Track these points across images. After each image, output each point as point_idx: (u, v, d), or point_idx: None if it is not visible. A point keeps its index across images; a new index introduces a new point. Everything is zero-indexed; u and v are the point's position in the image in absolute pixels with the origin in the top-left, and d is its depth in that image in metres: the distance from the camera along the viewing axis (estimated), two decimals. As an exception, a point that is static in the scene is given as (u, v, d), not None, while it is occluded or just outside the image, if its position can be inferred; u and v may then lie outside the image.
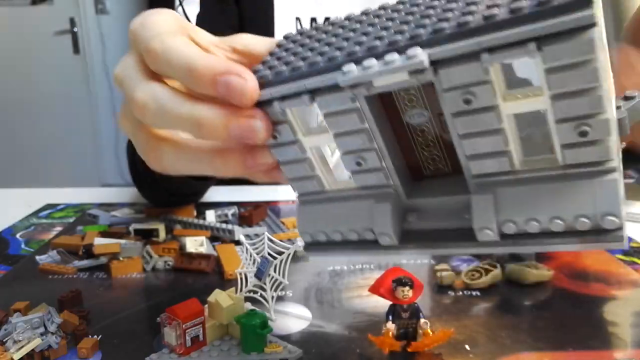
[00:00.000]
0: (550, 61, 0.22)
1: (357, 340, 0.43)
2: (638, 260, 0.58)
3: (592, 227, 0.25)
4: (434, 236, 0.31)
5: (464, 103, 0.25)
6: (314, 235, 0.34)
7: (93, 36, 3.25)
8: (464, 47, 0.23)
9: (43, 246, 0.65)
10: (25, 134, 3.32)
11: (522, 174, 0.27)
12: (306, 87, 0.28)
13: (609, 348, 0.42)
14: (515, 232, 0.27)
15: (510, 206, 0.27)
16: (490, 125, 0.25)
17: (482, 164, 0.27)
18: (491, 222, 0.27)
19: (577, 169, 0.25)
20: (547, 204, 0.26)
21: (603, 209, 0.25)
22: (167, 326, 0.40)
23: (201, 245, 0.61)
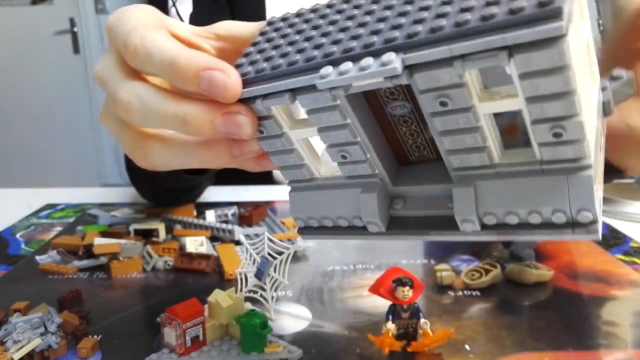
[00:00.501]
0: (522, 68, 0.22)
1: (357, 340, 0.43)
2: (638, 260, 0.58)
3: (568, 221, 0.26)
4: (420, 223, 0.31)
5: (440, 105, 0.25)
6: (306, 220, 0.35)
7: (93, 36, 3.25)
8: (436, 53, 0.23)
9: (43, 246, 0.65)
10: (25, 133, 3.32)
11: (501, 168, 0.27)
12: (286, 86, 0.28)
13: (609, 348, 0.42)
14: (496, 224, 0.28)
15: (489, 199, 0.27)
16: (468, 124, 0.26)
17: (462, 158, 0.27)
18: (472, 214, 0.28)
19: (553, 164, 0.26)
20: (525, 198, 0.27)
21: (578, 205, 0.25)
22: (167, 326, 0.40)
23: (201, 245, 0.62)
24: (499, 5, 0.22)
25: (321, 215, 0.34)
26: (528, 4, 0.21)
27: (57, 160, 3.37)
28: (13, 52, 3.20)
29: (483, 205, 0.28)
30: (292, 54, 0.29)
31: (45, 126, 3.33)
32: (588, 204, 0.25)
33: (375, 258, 0.60)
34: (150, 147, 0.35)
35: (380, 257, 0.60)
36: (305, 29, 0.30)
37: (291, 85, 0.28)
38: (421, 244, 0.64)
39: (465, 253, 0.60)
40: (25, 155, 3.35)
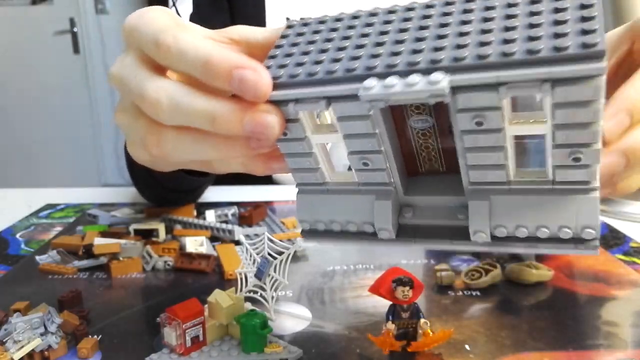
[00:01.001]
0: (560, 99, 0.25)
1: (357, 340, 0.43)
2: (638, 260, 0.58)
3: (572, 237, 0.29)
4: (428, 232, 0.33)
5: (476, 125, 0.27)
6: (313, 223, 0.35)
7: (93, 36, 3.26)
8: (484, 78, 0.25)
9: (43, 246, 0.65)
10: (25, 133, 3.32)
11: (515, 185, 0.30)
12: (324, 94, 0.29)
13: (609, 348, 0.42)
14: (505, 236, 0.30)
15: (502, 213, 0.30)
16: (495, 143, 0.28)
17: (481, 174, 0.30)
18: (485, 226, 0.30)
19: (564, 185, 0.29)
20: (535, 214, 0.29)
21: (583, 222, 0.28)
22: (167, 326, 0.40)
23: (201, 245, 0.62)
24: (541, 40, 0.25)
25: (329, 219, 0.34)
26: (572, 43, 0.24)
27: (57, 160, 3.37)
28: (13, 52, 3.21)
29: (496, 219, 0.30)
30: (328, 63, 0.30)
31: (45, 126, 3.34)
32: (593, 222, 0.28)
33: (375, 258, 0.60)
34: (165, 133, 0.35)
35: (380, 257, 0.60)
36: (335, 37, 0.32)
37: (331, 93, 0.29)
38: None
39: (465, 253, 0.60)
40: (25, 155, 3.35)
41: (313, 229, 0.36)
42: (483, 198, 0.30)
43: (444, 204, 0.33)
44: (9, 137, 3.31)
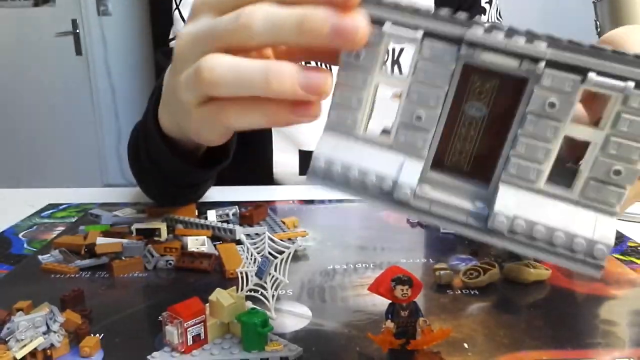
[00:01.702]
0: (631, 104, 0.27)
1: (356, 339, 0.44)
2: (636, 260, 0.58)
3: (583, 250, 0.30)
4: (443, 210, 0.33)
5: (548, 106, 0.28)
6: (329, 162, 0.33)
7: (95, 37, 3.26)
8: (577, 59, 0.27)
9: (45, 246, 0.65)
10: (27, 134, 3.33)
11: (541, 188, 0.31)
12: (426, 27, 0.30)
13: (607, 347, 0.42)
14: (521, 232, 0.30)
15: (527, 207, 0.30)
16: (551, 134, 0.29)
17: (519, 165, 0.30)
18: (510, 212, 0.30)
19: (590, 201, 0.30)
20: (556, 217, 0.30)
21: (599, 238, 0.29)
22: (169, 325, 0.41)
23: (202, 245, 0.62)
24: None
25: (348, 164, 0.33)
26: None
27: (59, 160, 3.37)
28: (15, 53, 3.21)
29: (520, 210, 0.30)
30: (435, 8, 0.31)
31: (47, 127, 3.34)
32: (607, 241, 0.29)
33: (374, 257, 0.60)
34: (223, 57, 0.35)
35: (380, 256, 0.60)
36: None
37: (430, 28, 0.30)
38: (421, 243, 0.65)
39: (464, 252, 0.61)
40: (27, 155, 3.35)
41: (326, 168, 0.33)
42: (512, 188, 0.31)
43: (465, 190, 0.33)
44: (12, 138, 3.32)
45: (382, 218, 0.74)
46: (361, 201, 0.33)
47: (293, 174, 0.94)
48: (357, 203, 0.81)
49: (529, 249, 0.31)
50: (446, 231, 0.67)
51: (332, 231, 0.69)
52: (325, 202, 0.82)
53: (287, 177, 0.95)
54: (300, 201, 0.82)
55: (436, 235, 0.67)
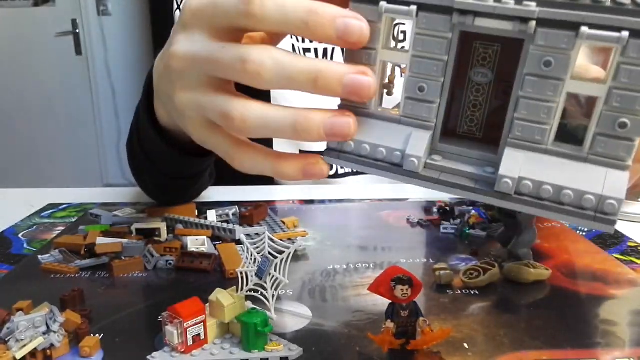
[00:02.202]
0: (629, 54, 0.26)
1: (356, 339, 0.44)
2: (636, 260, 0.58)
3: (593, 207, 0.29)
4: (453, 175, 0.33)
5: (544, 65, 0.29)
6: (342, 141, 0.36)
7: (95, 37, 3.26)
8: (569, 15, 0.27)
9: (45, 246, 0.65)
10: (27, 134, 3.33)
11: (550, 147, 0.31)
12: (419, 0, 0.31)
13: (607, 347, 0.42)
14: (528, 193, 0.31)
15: (533, 168, 0.31)
16: (551, 95, 0.29)
17: (524, 127, 0.31)
18: (514, 174, 0.31)
19: (599, 157, 0.29)
20: (563, 176, 0.30)
21: (608, 194, 0.29)
22: (169, 325, 0.41)
23: (202, 245, 0.62)
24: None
25: (362, 140, 0.35)
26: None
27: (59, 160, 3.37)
28: (15, 53, 3.21)
29: (525, 171, 0.31)
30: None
31: (47, 127, 3.34)
32: (618, 196, 0.29)
33: (374, 257, 0.60)
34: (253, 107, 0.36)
35: (380, 256, 0.60)
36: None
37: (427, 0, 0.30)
38: (421, 243, 0.65)
39: (464, 252, 0.61)
40: (27, 155, 3.35)
41: (339, 146, 0.36)
42: (518, 150, 0.31)
43: (475, 157, 0.33)
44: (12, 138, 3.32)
45: (382, 218, 0.74)
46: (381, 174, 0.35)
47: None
48: (357, 203, 0.81)
49: (538, 209, 0.31)
50: (446, 231, 0.67)
51: (332, 231, 0.69)
52: (325, 202, 0.82)
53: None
54: (300, 201, 0.82)
55: (436, 235, 0.67)
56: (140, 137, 0.66)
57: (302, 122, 0.34)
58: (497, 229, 0.65)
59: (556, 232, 0.67)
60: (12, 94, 3.26)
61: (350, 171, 0.96)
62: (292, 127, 0.34)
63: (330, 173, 0.93)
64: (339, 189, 0.90)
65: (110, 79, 3.35)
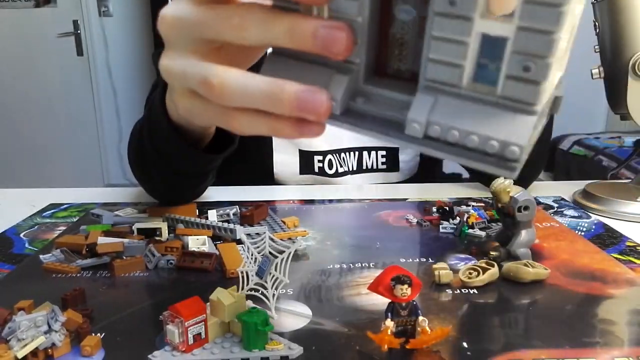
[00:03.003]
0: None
1: (356, 338, 0.44)
2: (634, 259, 0.59)
3: (496, 152, 0.29)
4: (372, 121, 0.33)
5: (449, 4, 0.27)
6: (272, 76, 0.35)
7: (96, 38, 3.27)
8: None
9: (47, 245, 0.65)
10: (29, 134, 3.34)
11: (465, 92, 0.30)
12: None
13: (606, 346, 0.42)
14: (437, 136, 0.30)
15: (442, 112, 0.30)
16: (461, 34, 0.28)
17: (439, 69, 0.30)
18: (422, 118, 0.30)
19: (508, 101, 0.29)
20: (470, 121, 0.29)
21: (512, 139, 0.28)
22: (170, 324, 0.41)
23: (203, 244, 0.62)
24: None
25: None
26: None
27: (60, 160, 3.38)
28: (17, 54, 3.22)
29: (434, 115, 0.30)
30: None
31: (49, 127, 3.35)
32: (520, 141, 0.28)
33: (373, 257, 0.60)
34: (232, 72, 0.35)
35: (379, 256, 0.60)
36: None
37: None
38: (419, 243, 0.65)
39: (463, 252, 0.61)
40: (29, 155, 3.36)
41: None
42: (431, 94, 0.30)
43: (396, 101, 0.32)
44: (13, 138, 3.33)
45: (381, 218, 0.74)
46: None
47: (293, 174, 0.95)
48: (357, 203, 0.81)
49: (445, 152, 0.30)
50: (445, 230, 0.68)
51: (332, 231, 0.69)
52: (325, 202, 0.82)
53: (288, 176, 0.95)
54: (300, 201, 0.82)
55: (435, 234, 0.67)
56: (151, 131, 0.66)
57: (276, 93, 0.33)
58: (496, 229, 0.65)
59: (555, 232, 0.67)
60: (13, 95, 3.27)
61: (349, 169, 0.96)
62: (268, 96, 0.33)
63: (329, 172, 0.94)
64: (339, 189, 0.90)
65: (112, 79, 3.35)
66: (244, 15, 0.33)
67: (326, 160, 0.95)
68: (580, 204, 0.78)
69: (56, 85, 3.29)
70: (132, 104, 3.34)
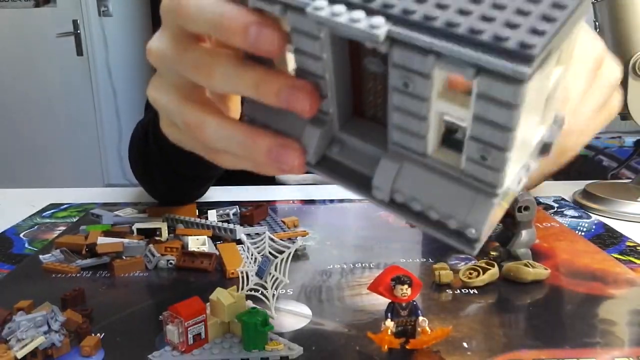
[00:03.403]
0: (482, 89, 0.24)
1: (356, 338, 0.44)
2: (634, 260, 0.59)
3: (456, 229, 0.28)
4: (346, 173, 0.33)
5: (403, 85, 0.26)
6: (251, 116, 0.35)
7: (96, 38, 3.26)
8: (417, 40, 0.24)
9: (46, 245, 0.65)
10: (29, 134, 3.33)
11: (431, 161, 0.29)
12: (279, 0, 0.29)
13: (606, 346, 0.42)
14: (401, 203, 0.30)
15: (406, 181, 0.30)
16: (419, 111, 0.27)
17: (403, 137, 0.29)
18: (386, 186, 0.30)
19: (471, 179, 0.28)
20: (433, 194, 0.29)
21: (470, 221, 0.28)
22: (170, 324, 0.41)
23: (203, 244, 0.62)
24: (493, 23, 0.23)
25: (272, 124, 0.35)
26: (515, 37, 0.22)
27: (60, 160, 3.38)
28: (17, 54, 3.22)
29: (399, 183, 0.30)
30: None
31: (49, 127, 3.35)
32: (478, 225, 0.27)
33: (374, 257, 0.60)
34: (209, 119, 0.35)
35: (379, 256, 0.60)
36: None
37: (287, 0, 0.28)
38: (420, 243, 0.65)
39: (463, 252, 0.61)
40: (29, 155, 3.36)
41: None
42: (396, 160, 0.30)
43: (370, 153, 0.32)
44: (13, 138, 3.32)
45: (381, 218, 0.74)
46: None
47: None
48: (357, 203, 0.81)
49: (411, 220, 0.30)
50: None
51: (332, 231, 0.69)
52: (325, 202, 0.82)
53: (288, 176, 0.95)
54: (300, 201, 0.82)
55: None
56: (157, 135, 0.65)
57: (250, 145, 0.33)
58: (496, 229, 0.65)
59: (555, 232, 0.67)
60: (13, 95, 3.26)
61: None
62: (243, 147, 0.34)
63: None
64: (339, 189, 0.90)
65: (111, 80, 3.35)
66: (211, 65, 0.33)
67: None
68: (581, 204, 0.78)
69: (56, 85, 3.28)
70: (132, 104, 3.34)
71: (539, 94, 0.26)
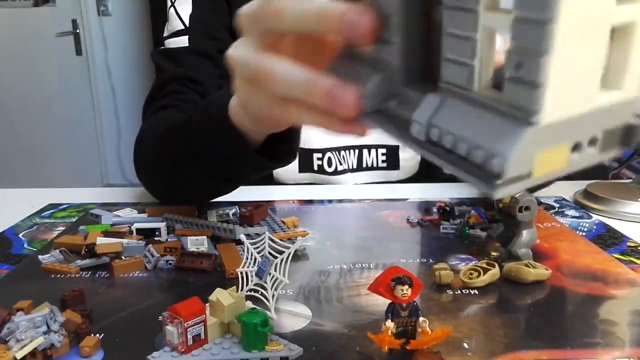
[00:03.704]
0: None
1: (356, 339, 0.44)
2: (635, 260, 0.58)
3: (480, 163, 0.26)
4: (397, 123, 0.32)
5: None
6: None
7: (95, 38, 3.26)
8: None
9: (46, 246, 0.65)
10: (28, 134, 3.33)
11: (474, 94, 0.27)
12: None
13: (607, 347, 0.42)
14: (436, 140, 0.28)
15: (445, 114, 0.28)
16: (465, 30, 0.26)
17: (451, 69, 0.28)
18: (424, 118, 0.29)
19: (512, 108, 0.25)
20: (468, 125, 0.27)
21: (497, 149, 0.25)
22: (169, 324, 0.41)
23: (202, 245, 0.62)
24: None
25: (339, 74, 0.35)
26: None
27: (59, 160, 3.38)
28: (16, 53, 3.22)
29: (437, 117, 0.29)
30: None
31: (48, 127, 3.34)
32: (505, 153, 0.24)
33: (373, 257, 0.60)
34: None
35: (379, 256, 0.60)
36: None
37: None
38: (420, 243, 0.65)
39: (464, 252, 0.61)
40: (28, 155, 3.36)
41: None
42: (440, 95, 0.29)
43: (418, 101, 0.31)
44: (12, 138, 3.32)
45: (382, 218, 0.74)
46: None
47: (293, 172, 0.94)
48: (357, 203, 0.81)
49: (438, 158, 0.28)
50: (446, 231, 0.68)
51: (332, 231, 0.69)
52: (325, 202, 0.82)
53: (287, 175, 0.95)
54: (300, 201, 0.82)
55: (436, 235, 0.67)
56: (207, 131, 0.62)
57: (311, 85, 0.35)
58: (496, 229, 0.65)
59: (556, 232, 0.67)
60: (12, 94, 3.26)
61: (349, 167, 0.96)
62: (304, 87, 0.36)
63: (329, 170, 0.94)
64: (338, 189, 0.90)
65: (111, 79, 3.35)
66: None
67: (325, 158, 0.94)
68: (582, 204, 0.78)
69: (55, 84, 3.28)
70: (131, 104, 3.34)
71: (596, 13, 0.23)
